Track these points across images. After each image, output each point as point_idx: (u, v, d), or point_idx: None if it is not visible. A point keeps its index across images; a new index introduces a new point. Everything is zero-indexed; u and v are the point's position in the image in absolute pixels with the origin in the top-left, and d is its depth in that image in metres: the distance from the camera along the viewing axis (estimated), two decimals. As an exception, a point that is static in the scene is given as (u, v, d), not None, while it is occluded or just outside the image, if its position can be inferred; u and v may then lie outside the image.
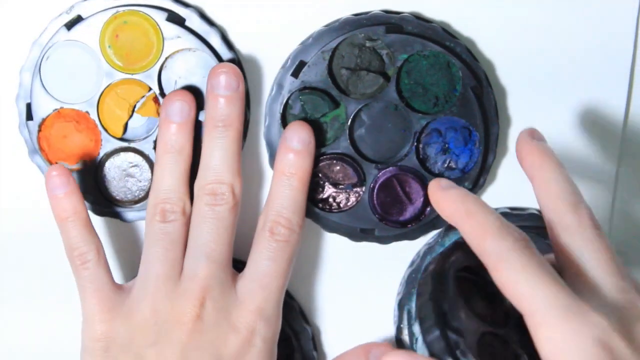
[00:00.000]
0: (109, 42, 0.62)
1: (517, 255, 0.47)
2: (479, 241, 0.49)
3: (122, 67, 0.62)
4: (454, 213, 0.51)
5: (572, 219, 0.50)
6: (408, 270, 0.66)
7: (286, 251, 0.60)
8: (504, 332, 0.52)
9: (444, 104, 0.62)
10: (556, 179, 0.51)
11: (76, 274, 0.60)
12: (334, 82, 0.62)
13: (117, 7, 0.61)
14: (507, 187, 0.65)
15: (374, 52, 0.62)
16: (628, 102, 0.65)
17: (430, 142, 0.63)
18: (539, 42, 0.63)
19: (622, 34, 0.63)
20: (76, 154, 0.63)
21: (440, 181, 0.53)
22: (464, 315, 0.51)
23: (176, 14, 0.62)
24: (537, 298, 0.46)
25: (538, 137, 0.54)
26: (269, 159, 0.64)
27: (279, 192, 0.61)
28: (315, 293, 0.67)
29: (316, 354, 0.67)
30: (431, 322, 0.51)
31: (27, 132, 0.63)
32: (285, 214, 0.60)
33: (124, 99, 0.62)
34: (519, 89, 0.64)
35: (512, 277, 0.47)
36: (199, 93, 0.62)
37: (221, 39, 0.62)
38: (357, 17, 0.62)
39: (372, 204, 0.64)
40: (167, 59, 0.62)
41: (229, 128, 0.60)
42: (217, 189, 0.60)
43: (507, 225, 0.49)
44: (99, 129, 0.63)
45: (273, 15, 0.63)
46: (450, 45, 0.62)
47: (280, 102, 0.62)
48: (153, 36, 0.62)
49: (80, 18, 0.61)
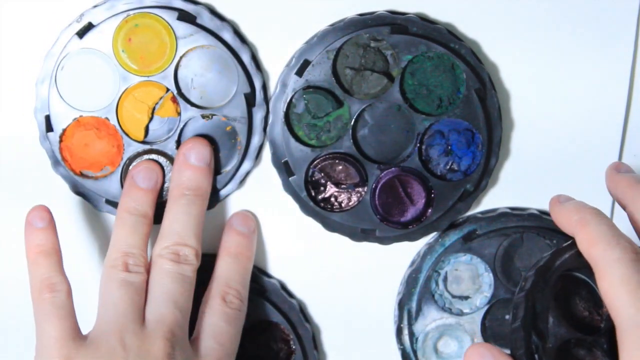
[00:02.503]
0: (122, 47, 0.61)
1: (622, 267, 0.48)
2: (588, 248, 0.50)
3: (137, 70, 0.62)
4: (570, 222, 0.52)
5: None
6: (408, 270, 0.66)
7: (239, 318, 0.62)
8: (593, 339, 0.53)
9: (448, 106, 0.62)
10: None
11: (38, 302, 0.58)
12: (338, 82, 0.62)
13: (127, 11, 0.61)
14: (509, 189, 0.65)
15: (378, 53, 0.62)
16: (628, 102, 0.65)
17: (433, 144, 0.63)
18: (543, 45, 0.63)
19: (623, 34, 0.63)
20: (99, 161, 0.63)
21: (560, 196, 0.55)
22: (552, 320, 0.52)
23: (187, 12, 0.61)
24: (630, 314, 0.47)
25: (625, 169, 0.56)
26: (272, 156, 0.64)
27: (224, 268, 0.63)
28: (316, 292, 0.67)
29: (316, 353, 0.67)
30: (519, 323, 0.51)
31: (48, 144, 0.63)
32: (234, 286, 0.62)
33: (142, 102, 0.62)
34: (522, 92, 0.64)
35: (612, 288, 0.48)
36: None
37: (234, 33, 0.62)
38: (362, 17, 0.62)
39: (374, 204, 0.64)
40: (182, 58, 0.62)
41: (197, 198, 0.61)
42: (181, 251, 0.60)
43: (620, 236, 0.50)
44: (119, 134, 0.63)
45: (278, 13, 0.62)
46: (455, 47, 0.62)
47: (284, 101, 0.62)
48: (166, 36, 0.62)
49: (91, 25, 0.61)
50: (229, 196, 0.65)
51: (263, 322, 0.66)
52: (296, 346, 0.66)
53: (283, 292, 0.66)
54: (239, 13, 0.63)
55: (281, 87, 0.62)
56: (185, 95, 0.63)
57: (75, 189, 0.64)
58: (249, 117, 0.63)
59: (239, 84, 0.62)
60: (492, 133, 0.63)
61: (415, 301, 0.65)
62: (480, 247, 0.65)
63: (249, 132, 0.63)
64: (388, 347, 0.67)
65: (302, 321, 0.66)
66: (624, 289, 0.48)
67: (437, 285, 0.65)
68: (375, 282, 0.67)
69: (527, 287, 0.52)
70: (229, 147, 0.64)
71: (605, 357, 0.52)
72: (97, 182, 0.63)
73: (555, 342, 0.52)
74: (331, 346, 0.68)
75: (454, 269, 0.65)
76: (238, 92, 0.62)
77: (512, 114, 0.64)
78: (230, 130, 0.63)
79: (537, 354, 0.50)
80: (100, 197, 0.64)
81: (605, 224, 0.51)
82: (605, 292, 0.48)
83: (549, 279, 0.52)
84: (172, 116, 0.63)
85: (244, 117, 0.63)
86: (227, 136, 0.63)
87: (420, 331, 0.66)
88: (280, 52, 0.63)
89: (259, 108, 0.63)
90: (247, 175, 0.65)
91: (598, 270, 0.49)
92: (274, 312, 0.66)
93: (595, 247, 0.49)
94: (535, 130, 0.64)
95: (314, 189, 0.64)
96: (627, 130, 0.65)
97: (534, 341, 0.51)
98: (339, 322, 0.68)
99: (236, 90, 0.62)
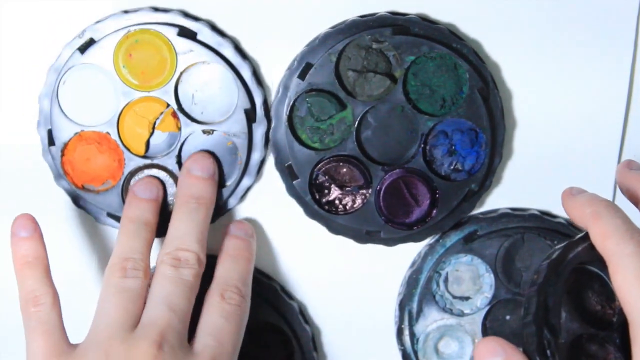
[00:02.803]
0: (123, 62, 0.61)
1: (636, 261, 0.48)
2: (602, 241, 0.50)
3: (138, 85, 0.62)
4: (582, 215, 0.52)
5: None
6: (409, 271, 0.66)
7: (238, 314, 0.61)
8: (605, 334, 0.53)
9: (451, 106, 0.62)
10: None
11: (25, 316, 0.58)
12: (341, 84, 0.62)
13: (128, 27, 0.61)
14: (513, 188, 0.66)
15: (380, 54, 0.62)
16: (628, 101, 0.65)
17: (436, 144, 0.63)
18: (545, 44, 0.63)
19: (623, 34, 0.64)
20: (101, 175, 0.63)
21: (572, 189, 0.54)
22: (565, 315, 0.52)
23: (187, 28, 0.62)
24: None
25: (636, 167, 0.56)
26: (275, 160, 0.63)
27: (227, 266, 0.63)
28: (317, 293, 0.67)
29: (316, 354, 0.67)
30: (530, 318, 0.51)
31: (50, 157, 0.63)
32: (232, 283, 0.61)
33: (143, 117, 0.62)
34: (525, 90, 0.64)
35: (626, 283, 0.48)
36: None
37: (234, 49, 0.62)
38: (363, 18, 0.62)
39: (379, 206, 0.63)
40: (183, 74, 0.62)
41: (201, 206, 0.61)
42: (183, 256, 0.60)
43: (634, 230, 0.50)
44: (121, 148, 0.63)
45: (279, 16, 0.62)
46: (457, 47, 0.62)
47: (286, 104, 0.62)
48: (166, 52, 0.62)
49: (92, 41, 0.61)
50: (230, 210, 0.65)
51: (262, 324, 0.66)
52: (295, 348, 0.66)
53: (282, 294, 0.66)
54: (239, 27, 0.63)
55: (283, 90, 0.62)
56: (186, 111, 0.63)
57: (77, 202, 0.64)
58: (249, 132, 0.63)
59: (239, 100, 0.62)
60: (495, 132, 0.63)
61: (416, 302, 0.65)
62: (481, 247, 0.65)
63: (249, 147, 0.63)
64: (389, 347, 0.67)
65: (302, 323, 0.66)
66: (638, 283, 0.47)
67: (438, 286, 0.65)
68: (377, 283, 0.67)
69: (539, 281, 0.51)
70: (230, 163, 0.64)
71: (618, 352, 0.52)
72: (99, 196, 0.63)
73: (568, 338, 0.51)
74: (332, 347, 0.68)
75: (455, 270, 0.66)
76: (238, 108, 0.62)
77: (514, 112, 0.64)
78: (231, 146, 0.63)
79: (549, 350, 0.50)
80: (101, 211, 0.64)
81: (619, 217, 0.50)
82: (619, 287, 0.48)
83: (562, 273, 0.52)
84: (173, 131, 0.63)
85: (244, 132, 0.63)
86: (228, 152, 0.63)
87: (421, 332, 0.66)
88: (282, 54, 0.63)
89: (260, 124, 0.63)
90: (247, 190, 0.65)
91: (611, 264, 0.49)
92: (273, 314, 0.65)
93: (609, 240, 0.49)
94: (536, 129, 0.65)
95: (318, 192, 0.63)
96: (627, 130, 0.66)
97: (546, 336, 0.50)
98: (340, 323, 0.68)
99: (236, 106, 0.62)
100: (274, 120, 0.62)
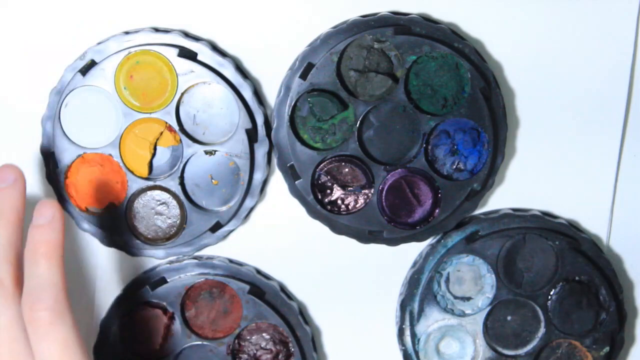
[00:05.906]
0: (124, 84, 0.62)
1: None
2: None
3: (139, 107, 0.62)
4: None
5: None
6: (410, 271, 0.66)
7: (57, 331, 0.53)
8: None
9: (453, 105, 0.62)
10: None
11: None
12: (343, 84, 0.62)
13: (128, 49, 0.61)
14: (515, 188, 0.66)
15: (382, 54, 0.62)
16: (628, 101, 0.65)
17: (438, 144, 0.63)
18: (546, 43, 0.64)
19: (623, 34, 0.64)
20: (104, 197, 0.63)
21: None
22: None
23: (187, 49, 0.62)
24: None
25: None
26: (277, 160, 0.63)
27: None
28: (317, 294, 0.67)
29: (316, 355, 0.66)
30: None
31: (54, 180, 0.63)
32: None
33: (143, 139, 0.62)
34: (527, 90, 0.64)
35: None
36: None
37: (235, 69, 0.62)
38: (365, 18, 0.62)
39: (381, 205, 0.63)
40: (184, 94, 0.62)
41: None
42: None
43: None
44: (123, 170, 0.63)
45: (281, 16, 0.62)
46: (459, 47, 0.62)
47: (288, 104, 0.62)
48: (167, 73, 0.62)
49: (94, 62, 0.61)
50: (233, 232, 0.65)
51: (262, 324, 0.66)
52: (295, 348, 0.66)
53: (282, 294, 0.66)
54: (240, 46, 0.63)
55: (285, 90, 0.62)
56: (188, 132, 0.63)
57: (81, 225, 0.64)
58: (251, 153, 0.63)
59: (240, 120, 0.62)
60: (497, 131, 0.63)
61: (417, 302, 0.65)
62: (483, 248, 0.65)
63: (251, 167, 0.63)
64: (390, 348, 0.67)
65: (301, 323, 0.66)
66: None
67: (439, 286, 0.65)
68: (377, 283, 0.67)
69: None
70: (233, 183, 0.64)
71: None
72: (102, 218, 0.63)
73: None
74: (333, 347, 0.68)
75: (456, 270, 0.65)
76: (240, 128, 0.62)
77: (517, 112, 0.65)
78: (233, 166, 0.63)
79: None
80: (105, 233, 0.64)
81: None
82: None
83: None
84: (174, 144, 0.63)
85: (246, 152, 0.63)
86: (230, 172, 0.63)
87: (422, 332, 0.66)
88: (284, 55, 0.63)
89: (261, 144, 0.63)
90: (250, 211, 0.64)
91: None
92: (272, 314, 0.65)
93: None
94: (538, 128, 0.65)
95: (321, 192, 0.63)
96: (627, 130, 0.66)
97: None
98: (340, 323, 0.67)
99: (238, 126, 0.62)
100: (276, 120, 0.62)
